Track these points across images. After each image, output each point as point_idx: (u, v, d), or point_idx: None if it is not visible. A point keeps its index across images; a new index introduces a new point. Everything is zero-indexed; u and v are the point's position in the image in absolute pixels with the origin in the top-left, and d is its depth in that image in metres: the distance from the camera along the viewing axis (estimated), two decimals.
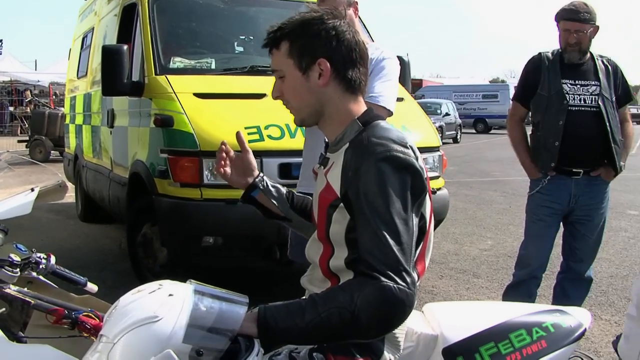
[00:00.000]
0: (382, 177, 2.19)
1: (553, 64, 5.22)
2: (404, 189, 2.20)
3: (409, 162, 2.23)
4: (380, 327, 2.16)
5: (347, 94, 2.42)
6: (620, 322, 6.37)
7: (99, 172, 9.50)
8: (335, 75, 2.39)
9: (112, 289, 5.27)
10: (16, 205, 2.55)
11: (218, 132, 6.13)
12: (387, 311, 2.09)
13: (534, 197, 5.38)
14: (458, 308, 3.04)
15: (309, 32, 2.38)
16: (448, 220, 8.43)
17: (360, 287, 2.09)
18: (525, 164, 5.39)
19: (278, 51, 2.43)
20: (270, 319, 2.11)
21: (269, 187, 3.00)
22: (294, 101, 2.46)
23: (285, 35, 2.41)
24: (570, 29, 5.10)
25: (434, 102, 38.79)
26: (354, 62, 2.42)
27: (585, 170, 5.20)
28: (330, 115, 2.44)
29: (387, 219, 2.15)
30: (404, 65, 7.21)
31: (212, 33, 8.07)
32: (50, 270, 2.66)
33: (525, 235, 5.56)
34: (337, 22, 2.41)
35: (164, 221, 6.43)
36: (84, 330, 2.41)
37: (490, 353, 2.40)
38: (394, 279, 2.08)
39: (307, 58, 2.38)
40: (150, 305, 2.06)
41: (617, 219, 11.85)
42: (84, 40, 11.76)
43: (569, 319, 2.56)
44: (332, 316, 2.09)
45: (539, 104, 5.22)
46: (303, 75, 2.39)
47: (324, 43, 2.37)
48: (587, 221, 5.32)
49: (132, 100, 7.48)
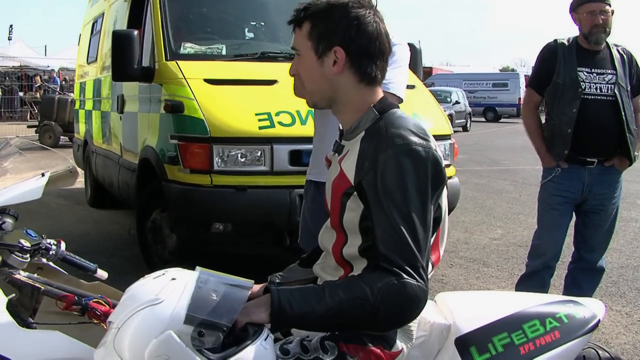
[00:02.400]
0: (401, 171, 2.18)
1: (569, 52, 5.18)
2: (424, 183, 2.20)
3: (429, 154, 2.23)
4: (396, 322, 2.21)
5: (361, 84, 2.39)
6: (632, 313, 6.36)
7: (108, 158, 9.50)
8: (350, 65, 2.36)
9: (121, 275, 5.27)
10: (27, 190, 2.54)
11: (228, 119, 6.12)
12: (406, 307, 2.13)
13: (546, 186, 5.35)
14: (471, 298, 3.02)
15: (331, 18, 2.35)
16: (458, 208, 8.41)
17: (382, 282, 2.11)
18: (541, 152, 5.35)
19: (300, 30, 2.41)
20: (285, 303, 2.11)
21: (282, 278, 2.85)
22: (307, 82, 2.44)
23: (308, 16, 2.38)
24: (595, 10, 5.05)
25: (444, 90, 38.66)
26: (371, 54, 2.38)
27: (599, 160, 5.16)
28: (344, 103, 2.42)
29: (406, 215, 2.15)
30: (416, 53, 7.18)
31: (223, 19, 8.04)
32: (61, 256, 2.65)
33: (538, 225, 5.52)
34: (363, 12, 2.36)
35: (174, 207, 6.43)
36: (94, 317, 2.40)
37: (503, 343, 2.38)
38: (413, 276, 2.11)
39: (324, 43, 2.35)
40: (153, 288, 2.09)
41: (628, 210, 11.81)
42: (94, 26, 11.75)
43: (582, 310, 2.54)
44: (353, 306, 2.11)
45: (554, 92, 5.18)
46: (318, 60, 2.37)
47: (343, 31, 2.34)
48: (601, 210, 5.28)
49: (142, 86, 7.46)
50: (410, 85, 5.80)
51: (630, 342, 5.66)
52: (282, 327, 2.20)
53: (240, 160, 6.06)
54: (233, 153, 6.03)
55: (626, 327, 6.00)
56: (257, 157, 6.08)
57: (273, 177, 6.10)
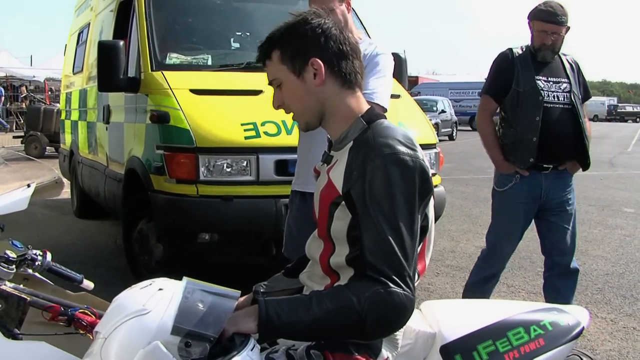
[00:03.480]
0: (389, 180, 2.20)
1: (525, 60, 5.29)
2: (412, 193, 2.22)
3: (417, 164, 2.25)
4: (382, 331, 2.22)
5: (344, 89, 2.43)
6: (617, 320, 6.38)
7: (94, 168, 9.49)
8: (330, 72, 2.40)
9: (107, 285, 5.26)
10: (12, 201, 2.54)
11: (214, 129, 6.13)
12: (393, 316, 2.14)
13: (506, 194, 5.39)
14: (456, 306, 3.04)
15: (295, 35, 2.40)
16: (444, 217, 8.43)
17: (369, 291, 2.12)
18: (498, 160, 5.39)
19: (271, 61, 2.44)
20: (273, 313, 2.12)
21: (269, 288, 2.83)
22: (295, 106, 2.46)
23: (274, 45, 2.42)
24: (547, 31, 5.18)
25: (430, 99, 38.77)
26: (345, 55, 2.42)
27: (554, 165, 5.30)
28: (332, 114, 2.44)
29: (393, 224, 2.17)
30: (401, 62, 7.20)
31: (209, 29, 8.06)
32: (46, 267, 2.65)
33: (494, 233, 5.59)
34: (322, 20, 2.42)
35: (160, 217, 6.43)
36: (80, 327, 2.40)
37: (488, 351, 2.40)
38: (400, 285, 2.12)
39: (299, 60, 2.39)
40: (140, 299, 2.09)
41: (613, 217, 11.88)
42: (80, 36, 11.74)
43: (567, 317, 2.56)
44: (340, 315, 2.12)
45: (515, 100, 5.25)
46: (299, 78, 2.40)
47: (312, 42, 2.39)
48: (561, 212, 5.38)
49: (128, 96, 7.47)
50: (395, 94, 5.83)
51: (615, 348, 5.69)
52: (270, 337, 2.19)
53: (226, 170, 6.06)
54: (219, 163, 6.04)
55: (611, 333, 6.03)
56: (243, 167, 6.09)
57: (259, 187, 6.10)
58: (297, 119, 2.52)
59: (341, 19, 4.67)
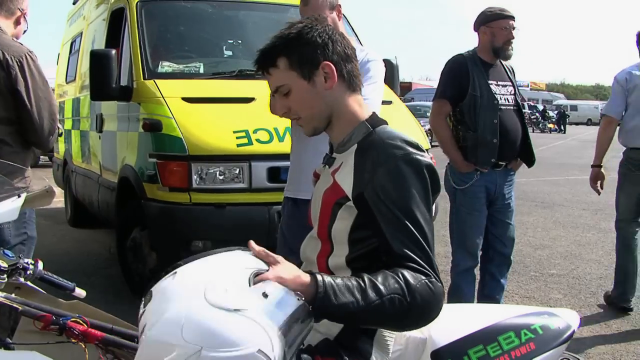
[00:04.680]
0: (405, 180, 2.26)
1: (476, 65, 5.56)
2: (426, 191, 2.28)
3: (427, 163, 2.31)
4: (421, 321, 2.23)
5: (349, 92, 2.48)
6: (610, 324, 6.40)
7: (88, 177, 9.48)
8: (338, 75, 2.44)
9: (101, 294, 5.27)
10: (2, 212, 2.54)
11: (207, 137, 6.14)
12: (434, 306, 2.19)
13: (466, 191, 5.63)
14: (446, 311, 3.03)
15: (303, 41, 2.42)
16: (438, 222, 8.40)
17: (415, 280, 2.15)
18: (459, 160, 5.60)
19: (276, 69, 2.44)
20: (330, 290, 2.08)
21: None
22: (304, 112, 2.48)
23: (281, 51, 2.43)
24: (509, 27, 5.50)
25: (424, 105, 38.69)
26: (349, 58, 2.49)
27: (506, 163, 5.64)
28: (338, 117, 2.48)
29: (416, 221, 2.23)
30: (393, 68, 7.22)
31: (201, 37, 8.06)
32: (38, 275, 2.65)
33: (460, 229, 5.77)
34: (325, 27, 2.47)
35: (153, 225, 6.43)
36: (72, 336, 2.40)
37: (479, 356, 2.40)
38: (436, 277, 2.19)
39: (308, 65, 2.41)
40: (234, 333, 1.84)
41: (607, 221, 11.86)
42: (73, 45, 11.74)
43: (557, 321, 2.57)
44: (393, 302, 2.12)
45: (472, 104, 5.48)
46: (309, 83, 2.42)
47: (321, 48, 2.42)
48: (506, 209, 5.78)
49: (120, 105, 7.47)
50: (387, 100, 5.84)
51: (609, 352, 5.69)
52: (321, 314, 2.11)
53: (218, 178, 6.07)
54: (211, 171, 6.04)
55: (605, 337, 6.04)
56: (236, 174, 6.10)
57: (251, 194, 6.11)
58: (305, 123, 2.52)
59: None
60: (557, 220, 11.97)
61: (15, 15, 4.61)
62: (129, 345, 2.46)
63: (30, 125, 4.39)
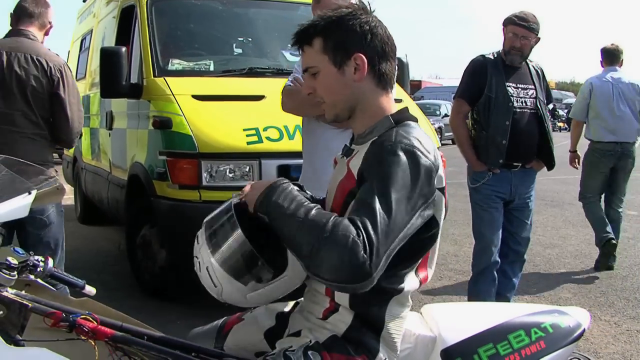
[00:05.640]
0: (397, 163, 2.20)
1: (496, 67, 5.66)
2: (414, 184, 2.20)
3: (427, 163, 2.24)
4: (327, 269, 2.08)
5: (378, 88, 2.46)
6: (620, 323, 6.38)
7: (97, 174, 9.50)
8: (370, 70, 2.42)
9: (111, 291, 5.28)
10: (13, 208, 2.54)
11: (217, 134, 6.14)
12: (343, 264, 2.05)
13: (480, 189, 5.78)
14: (456, 309, 3.04)
15: (343, 28, 2.41)
16: (447, 221, 8.39)
17: (344, 226, 2.07)
18: (472, 159, 5.77)
19: (311, 48, 2.44)
20: (279, 189, 2.28)
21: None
22: (328, 97, 2.47)
23: (319, 32, 2.42)
24: (518, 34, 5.59)
25: (433, 103, 38.75)
26: (386, 56, 2.45)
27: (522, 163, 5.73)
28: (362, 109, 2.46)
29: (388, 201, 2.13)
30: (403, 67, 7.23)
31: (211, 35, 8.07)
32: (48, 273, 2.65)
33: (478, 226, 5.91)
34: (368, 18, 2.44)
35: (163, 223, 6.44)
36: (81, 333, 2.41)
37: (489, 354, 2.40)
38: (365, 248, 2.05)
39: (342, 53, 2.40)
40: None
41: None
42: (83, 42, 11.76)
43: (567, 319, 2.56)
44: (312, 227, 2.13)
45: (487, 105, 5.60)
46: (339, 71, 2.41)
47: (359, 38, 2.40)
48: (524, 208, 5.88)
49: (130, 102, 7.48)
50: (397, 99, 5.81)
51: (619, 351, 5.68)
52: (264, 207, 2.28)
53: (228, 176, 6.07)
54: (221, 168, 6.04)
55: (615, 336, 6.02)
56: (246, 172, 6.09)
57: None
58: (327, 108, 2.51)
59: None
60: (567, 219, 11.94)
61: (46, 27, 5.26)
62: (138, 342, 2.46)
63: (65, 125, 5.06)
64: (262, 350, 2.64)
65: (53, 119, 5.05)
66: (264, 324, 2.75)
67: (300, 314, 2.59)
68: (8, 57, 4.92)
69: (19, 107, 4.93)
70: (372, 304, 2.36)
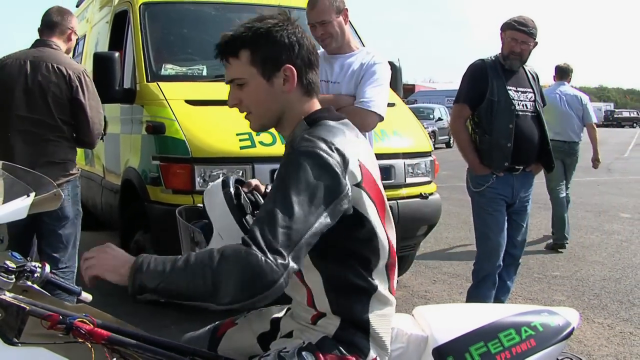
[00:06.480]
0: (299, 168, 2.20)
1: (496, 71, 5.66)
2: (317, 185, 2.19)
3: (329, 162, 2.23)
4: (235, 292, 2.08)
5: (305, 97, 2.49)
6: (613, 325, 6.41)
7: (91, 180, 9.48)
8: (298, 80, 2.44)
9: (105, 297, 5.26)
10: (11, 211, 2.56)
11: (210, 139, 6.15)
12: (248, 277, 2.05)
13: (484, 193, 5.74)
14: (447, 310, 3.07)
15: (271, 40, 2.42)
16: (441, 224, 8.45)
17: (232, 250, 2.09)
18: (475, 163, 5.73)
19: (237, 60, 2.45)
20: (145, 261, 2.18)
21: None
22: (255, 108, 2.51)
23: (246, 44, 2.43)
24: (517, 39, 5.60)
25: (427, 107, 38.75)
26: (312, 65, 2.49)
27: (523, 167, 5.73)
28: (289, 118, 2.50)
29: (287, 203, 2.14)
30: (396, 71, 7.25)
31: (204, 40, 8.07)
32: (45, 279, 2.66)
33: (483, 230, 5.83)
34: (295, 29, 2.46)
35: (157, 228, 6.43)
36: (78, 336, 2.41)
37: (480, 352, 2.42)
38: (265, 252, 2.06)
39: (271, 65, 2.42)
40: None
41: (610, 222, 11.91)
42: (76, 47, 11.74)
43: (557, 319, 2.59)
44: (196, 269, 2.10)
45: (489, 109, 5.60)
46: (268, 82, 2.43)
47: (287, 50, 2.42)
48: (522, 211, 5.89)
49: (124, 107, 7.49)
50: (391, 103, 5.87)
51: (612, 353, 5.71)
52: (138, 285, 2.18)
53: None
54: (215, 173, 6.05)
55: (608, 339, 6.05)
56: (239, 177, 6.10)
57: None
58: (253, 119, 2.55)
59: (338, 31, 4.74)
60: None
61: (66, 33, 5.58)
62: (135, 344, 2.48)
63: (86, 128, 5.41)
64: (255, 354, 2.66)
65: (75, 122, 5.38)
66: (258, 329, 2.77)
67: (292, 317, 2.62)
68: (32, 66, 5.27)
69: (41, 112, 5.26)
70: (353, 306, 2.39)
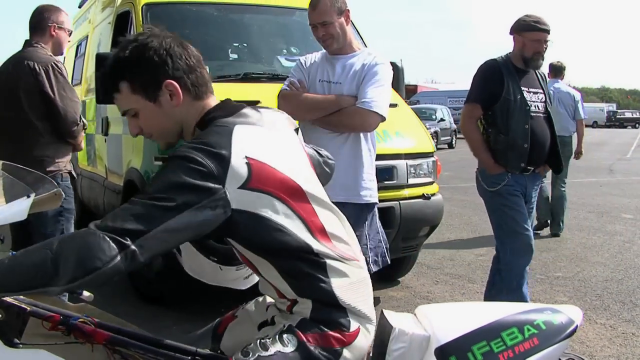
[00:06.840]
0: (164, 170, 2.21)
1: (509, 71, 5.61)
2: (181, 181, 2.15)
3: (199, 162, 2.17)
4: (75, 269, 2.05)
5: (196, 100, 2.49)
6: (616, 326, 6.40)
7: (93, 180, 9.50)
8: (183, 89, 2.44)
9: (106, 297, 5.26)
10: (12, 212, 2.55)
11: None
12: (84, 253, 2.05)
13: (501, 191, 5.65)
14: (449, 309, 3.05)
15: (142, 64, 2.41)
16: (443, 225, 8.45)
17: (72, 233, 2.11)
18: (490, 163, 5.67)
19: (120, 94, 2.45)
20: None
21: None
22: (155, 131, 2.51)
23: (120, 77, 2.43)
24: (541, 39, 5.57)
25: (429, 108, 38.75)
26: (192, 67, 2.48)
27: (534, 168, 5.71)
28: (187, 126, 2.51)
29: (143, 201, 2.14)
30: (398, 71, 7.23)
31: (206, 40, 8.06)
32: None
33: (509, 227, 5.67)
34: (162, 40, 2.46)
35: None
36: (79, 337, 2.41)
37: (482, 352, 2.41)
38: (105, 232, 2.07)
39: (151, 87, 2.41)
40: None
41: (612, 223, 11.89)
42: (78, 48, 11.77)
43: (560, 317, 2.57)
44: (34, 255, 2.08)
45: (505, 108, 5.54)
46: (155, 104, 2.43)
47: (161, 66, 2.41)
48: (529, 212, 5.81)
49: None
50: (393, 103, 5.86)
51: (614, 354, 5.70)
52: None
53: None
54: None
55: (610, 339, 6.04)
56: None
57: None
58: (158, 139, 2.56)
59: (339, 32, 4.73)
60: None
61: (47, 29, 5.59)
62: (136, 345, 2.47)
63: (59, 118, 5.36)
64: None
65: (48, 114, 5.37)
66: (257, 319, 2.75)
67: (276, 307, 2.60)
68: (12, 68, 5.40)
69: (13, 109, 5.33)
70: (314, 285, 2.36)
